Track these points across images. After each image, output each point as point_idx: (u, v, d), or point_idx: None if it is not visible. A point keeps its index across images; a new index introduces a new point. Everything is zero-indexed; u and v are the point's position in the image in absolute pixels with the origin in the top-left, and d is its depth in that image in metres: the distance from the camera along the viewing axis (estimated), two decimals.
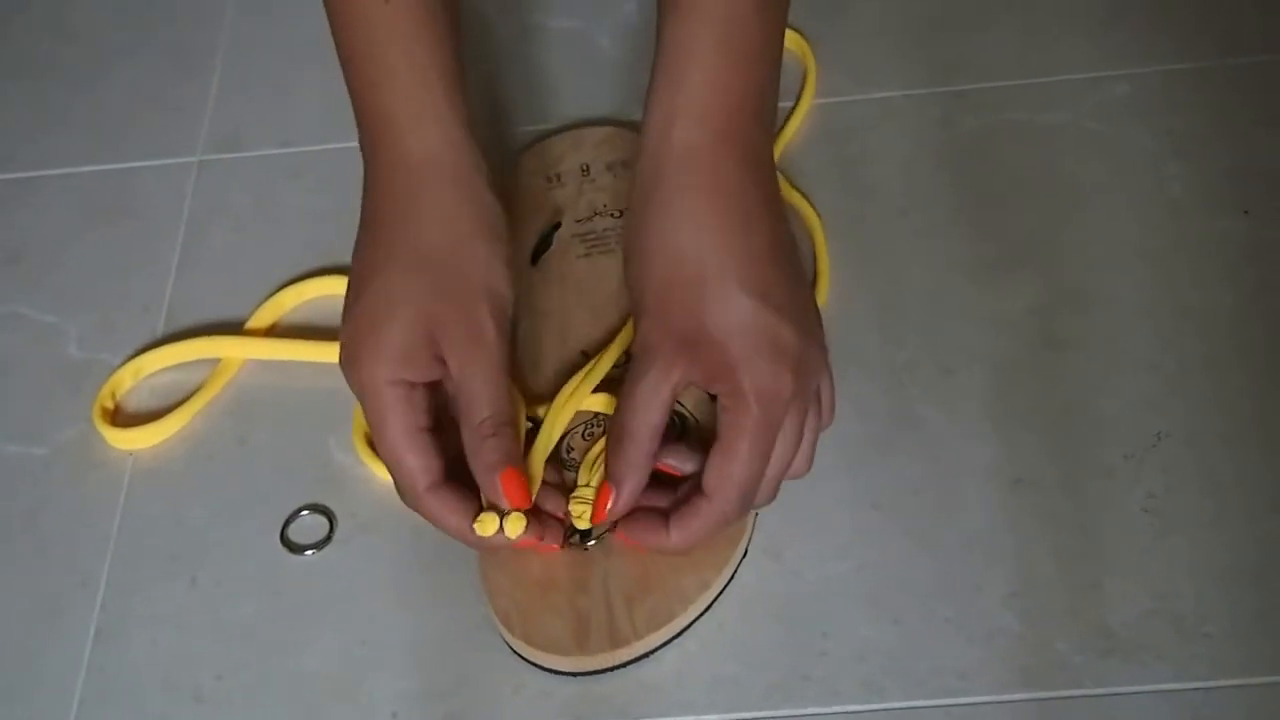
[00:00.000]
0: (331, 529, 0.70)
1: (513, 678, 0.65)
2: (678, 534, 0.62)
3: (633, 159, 0.79)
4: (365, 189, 0.66)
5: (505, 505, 0.62)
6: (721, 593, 0.66)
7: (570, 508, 0.65)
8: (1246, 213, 0.75)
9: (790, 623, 0.65)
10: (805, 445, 0.63)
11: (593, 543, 0.65)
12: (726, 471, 0.60)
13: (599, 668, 0.64)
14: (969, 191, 0.78)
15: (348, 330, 0.64)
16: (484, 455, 0.62)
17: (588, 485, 0.65)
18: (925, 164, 0.79)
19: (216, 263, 0.81)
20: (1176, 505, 0.66)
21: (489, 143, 0.83)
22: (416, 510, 0.64)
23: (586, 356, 0.71)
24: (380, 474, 0.71)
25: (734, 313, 0.60)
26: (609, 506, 0.62)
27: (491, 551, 0.65)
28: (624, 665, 0.64)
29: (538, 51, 0.88)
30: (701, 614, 0.65)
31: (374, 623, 0.67)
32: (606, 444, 0.64)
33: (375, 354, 0.62)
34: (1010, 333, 0.72)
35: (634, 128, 0.82)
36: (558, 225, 0.78)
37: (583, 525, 0.64)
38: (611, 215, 0.78)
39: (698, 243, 0.61)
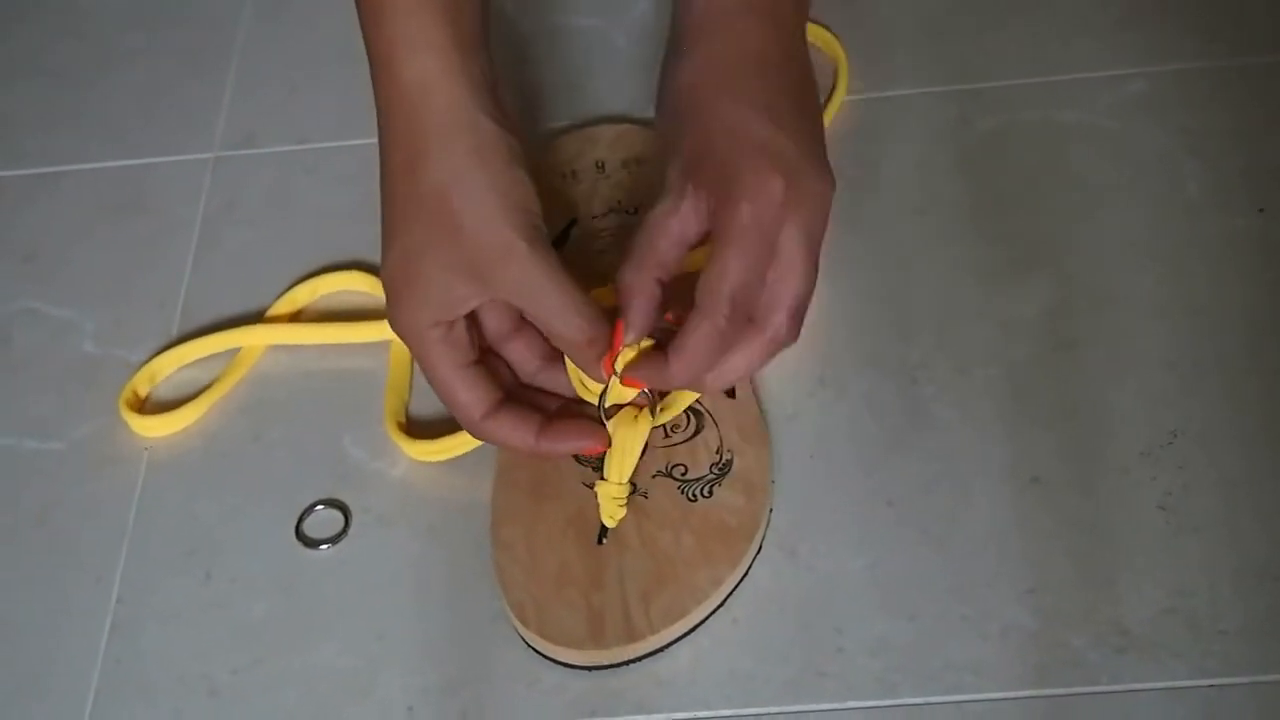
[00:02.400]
0: (346, 524, 0.70)
1: (527, 672, 0.65)
2: (675, 360, 0.61)
3: (646, 153, 0.80)
4: (379, 131, 0.66)
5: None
6: (736, 588, 0.66)
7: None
8: (1261, 211, 0.75)
9: (804, 619, 0.65)
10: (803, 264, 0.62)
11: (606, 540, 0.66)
12: (715, 277, 0.59)
13: (613, 662, 0.64)
14: (984, 190, 0.78)
15: (385, 285, 0.65)
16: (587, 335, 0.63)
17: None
18: (941, 163, 0.79)
19: (232, 259, 0.81)
20: (1192, 503, 0.66)
21: None
22: (480, 438, 0.67)
23: None
24: (409, 454, 0.72)
25: (732, 119, 0.61)
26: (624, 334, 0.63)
27: (555, 459, 0.68)
28: (638, 660, 0.64)
29: (554, 50, 0.88)
30: (716, 609, 0.65)
31: (389, 617, 0.67)
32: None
33: (410, 304, 0.64)
34: (1025, 332, 0.72)
35: (649, 125, 0.83)
36: (574, 222, 0.78)
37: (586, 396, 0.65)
38: (626, 212, 0.78)
39: (712, 79, 0.63)
